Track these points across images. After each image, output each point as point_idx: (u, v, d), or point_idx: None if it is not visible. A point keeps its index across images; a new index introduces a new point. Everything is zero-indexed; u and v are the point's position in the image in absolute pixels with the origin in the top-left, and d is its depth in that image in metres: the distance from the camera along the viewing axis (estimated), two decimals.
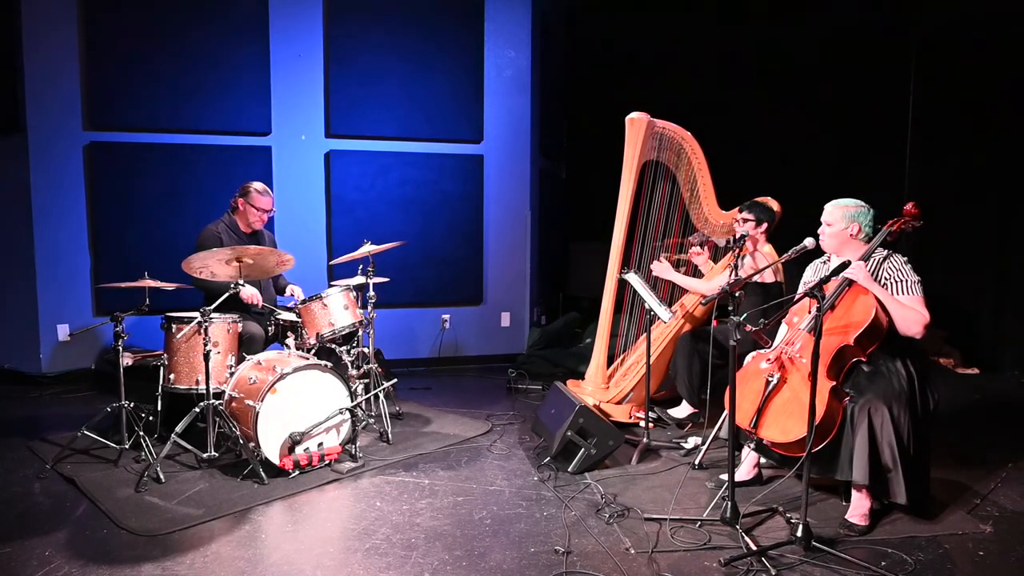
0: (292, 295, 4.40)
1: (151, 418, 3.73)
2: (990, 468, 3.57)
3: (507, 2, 6.03)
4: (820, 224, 3.17)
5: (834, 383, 2.82)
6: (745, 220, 4.06)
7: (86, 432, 3.59)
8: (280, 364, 3.52)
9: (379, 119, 5.80)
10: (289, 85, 5.61)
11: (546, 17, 6.52)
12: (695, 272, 4.57)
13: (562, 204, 7.41)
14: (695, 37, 6.83)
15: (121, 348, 3.57)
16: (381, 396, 4.13)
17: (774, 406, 2.92)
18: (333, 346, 4.02)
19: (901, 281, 2.97)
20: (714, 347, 3.52)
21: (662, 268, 4.35)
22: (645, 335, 4.01)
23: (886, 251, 3.06)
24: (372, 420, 4.13)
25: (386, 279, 4.57)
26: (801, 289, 3.12)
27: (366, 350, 4.30)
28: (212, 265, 3.59)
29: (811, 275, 3.28)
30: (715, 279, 4.27)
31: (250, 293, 4.05)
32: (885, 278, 3.00)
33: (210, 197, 5.23)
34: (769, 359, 3.05)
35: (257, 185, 4.24)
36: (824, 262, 3.26)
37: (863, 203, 3.10)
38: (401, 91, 5.82)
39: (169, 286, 3.75)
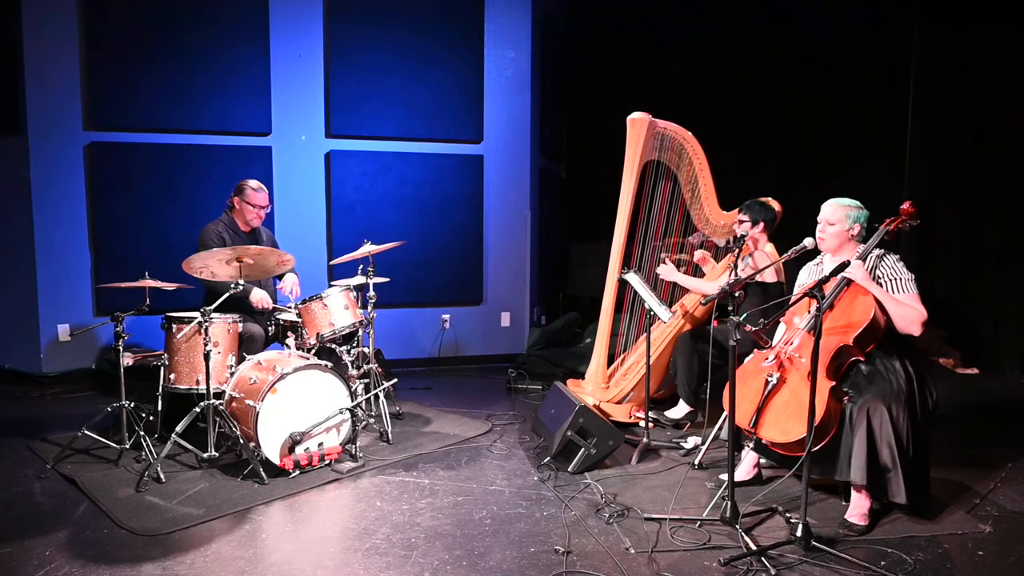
0: (281, 290, 4.37)
1: (151, 418, 3.74)
2: (990, 468, 3.57)
3: (507, 2, 6.04)
4: (818, 224, 3.17)
5: (833, 383, 2.82)
6: (742, 221, 4.06)
7: (86, 432, 3.59)
8: (280, 364, 3.52)
9: (379, 119, 5.80)
10: (289, 85, 5.61)
11: (546, 17, 6.52)
12: (695, 272, 4.57)
13: (562, 204, 7.41)
14: (695, 37, 6.83)
15: (121, 348, 3.57)
16: (381, 396, 4.14)
17: (773, 406, 2.92)
18: (333, 346, 4.02)
19: (896, 279, 2.98)
20: (714, 347, 3.52)
21: (667, 270, 4.29)
22: (645, 335, 4.01)
23: (880, 250, 3.06)
24: (372, 420, 4.13)
25: (386, 279, 4.57)
26: (796, 291, 3.12)
27: (366, 350, 4.30)
28: (213, 265, 3.59)
29: (805, 277, 3.28)
30: (720, 279, 4.27)
31: (259, 297, 4.05)
32: (879, 276, 3.00)
33: (210, 197, 5.23)
34: (768, 359, 3.05)
35: (251, 182, 4.25)
36: (817, 264, 3.26)
37: (859, 203, 3.11)
38: (401, 91, 5.82)
39: (169, 286, 3.75)
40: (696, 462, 3.57)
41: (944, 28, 5.84)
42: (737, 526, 2.76)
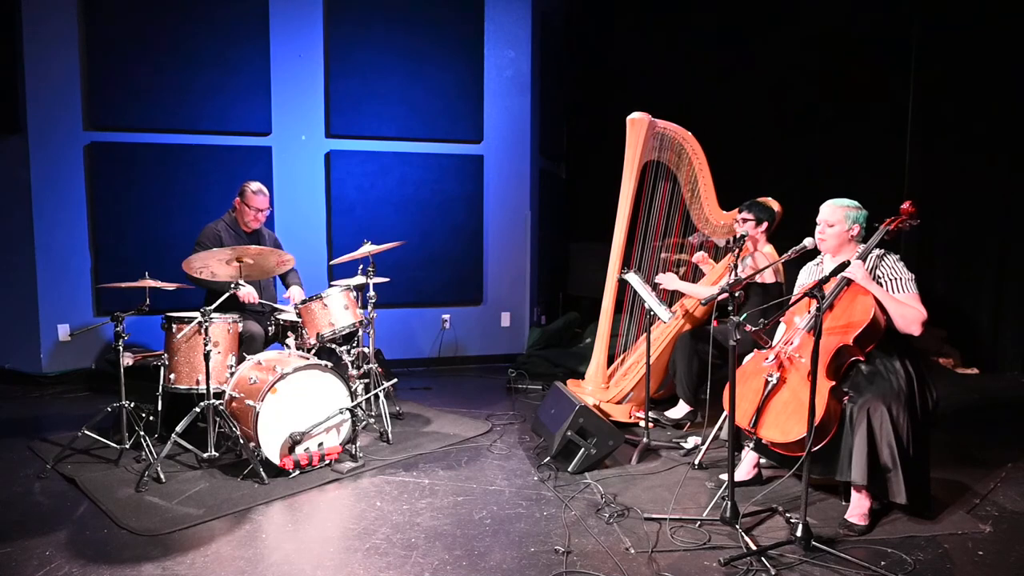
0: (289, 299, 4.39)
1: (151, 418, 3.74)
2: (990, 468, 3.57)
3: (507, 2, 6.04)
4: (817, 225, 3.17)
5: (833, 383, 2.82)
6: (745, 220, 4.06)
7: (86, 432, 3.59)
8: (280, 364, 3.52)
9: (379, 119, 5.80)
10: (289, 85, 5.61)
11: (546, 17, 6.52)
12: (695, 272, 4.57)
13: (562, 204, 7.41)
14: (695, 37, 6.83)
15: (121, 348, 3.58)
16: (381, 396, 4.13)
17: (773, 406, 2.92)
18: (333, 346, 4.02)
19: (896, 279, 2.98)
20: (713, 347, 3.52)
21: (669, 279, 4.27)
22: (645, 335, 4.01)
23: (880, 250, 3.07)
24: (372, 420, 4.13)
25: (386, 279, 4.57)
26: (797, 291, 3.12)
27: (366, 350, 4.30)
28: (212, 265, 3.59)
29: (805, 277, 3.28)
30: (719, 285, 4.25)
31: (246, 292, 4.05)
32: (879, 276, 3.00)
33: (210, 197, 5.24)
34: (768, 358, 3.05)
35: (252, 185, 4.24)
36: (817, 264, 3.26)
37: (858, 204, 3.11)
38: (401, 91, 5.82)
39: (169, 286, 3.75)
40: (696, 462, 3.57)
41: (945, 26, 5.84)
42: (737, 526, 2.77)
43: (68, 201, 5.25)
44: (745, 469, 3.31)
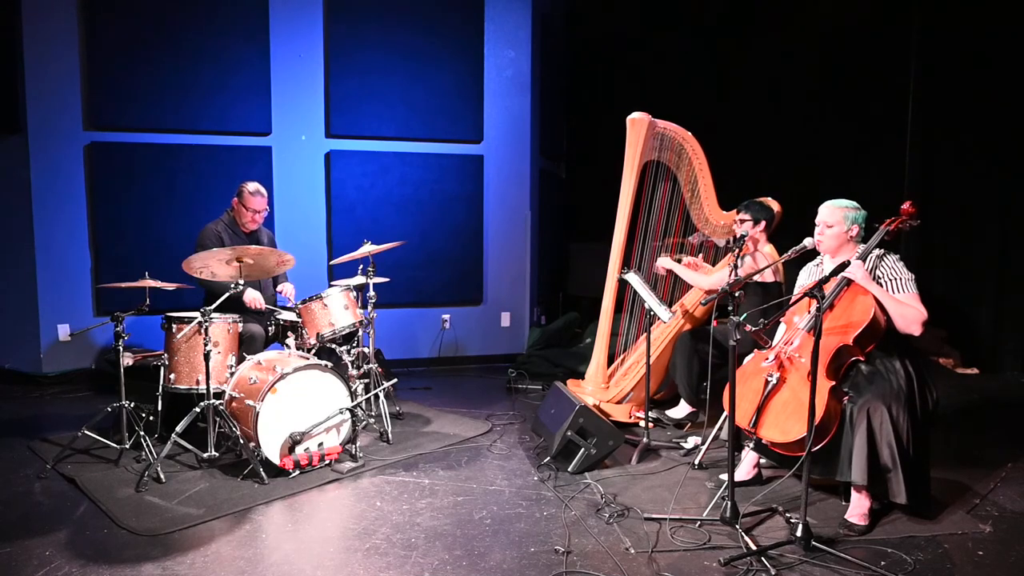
0: (281, 292, 4.40)
1: (151, 418, 3.74)
2: (990, 468, 3.57)
3: (507, 2, 6.04)
4: (816, 226, 3.17)
5: (833, 383, 2.83)
6: (744, 220, 4.06)
7: (86, 432, 3.59)
8: (280, 364, 3.52)
9: (379, 119, 5.80)
10: (289, 85, 5.61)
11: (546, 17, 6.52)
12: None
13: (562, 204, 7.41)
14: (696, 37, 6.83)
15: (121, 348, 3.57)
16: (381, 396, 4.13)
17: (773, 406, 2.93)
18: (333, 346, 4.02)
19: (896, 279, 2.98)
20: (714, 347, 3.52)
21: (666, 260, 4.30)
22: (645, 335, 4.01)
23: (880, 250, 3.07)
24: (372, 420, 4.13)
25: (386, 279, 4.57)
26: (797, 291, 3.11)
27: (366, 350, 4.30)
28: (212, 265, 3.59)
29: (805, 278, 3.28)
30: (716, 273, 4.27)
31: (252, 297, 4.06)
32: (879, 276, 3.01)
33: (210, 197, 5.24)
34: (768, 358, 3.05)
35: (250, 186, 4.24)
36: (817, 264, 3.26)
37: (857, 204, 3.11)
38: (401, 91, 5.82)
39: (169, 286, 3.75)
40: (696, 462, 3.57)
41: (944, 26, 5.84)
42: (737, 526, 2.77)
43: (68, 201, 5.25)
44: (745, 469, 3.31)
